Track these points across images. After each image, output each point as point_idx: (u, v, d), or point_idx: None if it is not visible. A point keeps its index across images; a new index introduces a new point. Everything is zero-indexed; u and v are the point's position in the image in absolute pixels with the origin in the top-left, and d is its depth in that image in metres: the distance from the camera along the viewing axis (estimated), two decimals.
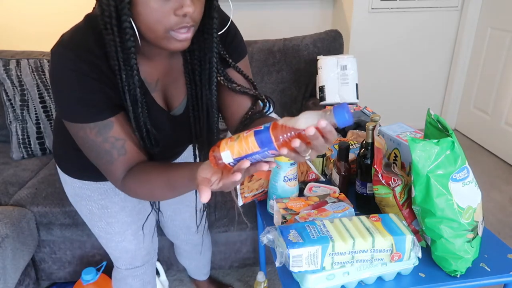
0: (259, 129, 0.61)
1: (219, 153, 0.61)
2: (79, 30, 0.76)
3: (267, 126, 0.60)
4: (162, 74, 0.86)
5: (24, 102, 1.78)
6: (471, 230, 0.84)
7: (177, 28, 0.69)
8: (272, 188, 1.08)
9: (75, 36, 0.75)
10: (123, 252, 1.15)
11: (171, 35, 0.70)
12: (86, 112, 0.75)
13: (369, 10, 2.76)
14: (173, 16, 0.67)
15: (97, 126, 0.76)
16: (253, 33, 2.25)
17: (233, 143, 0.61)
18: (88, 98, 0.74)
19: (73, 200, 1.09)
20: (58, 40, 0.76)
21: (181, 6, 0.66)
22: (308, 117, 0.59)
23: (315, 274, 0.79)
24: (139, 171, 0.79)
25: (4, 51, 1.86)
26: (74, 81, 0.73)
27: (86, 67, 0.72)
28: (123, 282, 1.22)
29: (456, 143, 0.82)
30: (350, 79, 1.92)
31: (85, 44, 0.73)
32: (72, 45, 0.73)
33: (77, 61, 0.72)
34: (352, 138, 1.41)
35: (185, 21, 0.68)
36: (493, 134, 2.80)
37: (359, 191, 1.06)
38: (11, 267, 1.34)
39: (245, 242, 1.66)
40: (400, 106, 3.12)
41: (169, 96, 0.89)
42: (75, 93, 0.74)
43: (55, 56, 0.73)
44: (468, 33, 2.90)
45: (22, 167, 1.75)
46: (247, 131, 0.61)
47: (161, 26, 0.68)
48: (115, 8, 0.67)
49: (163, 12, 0.67)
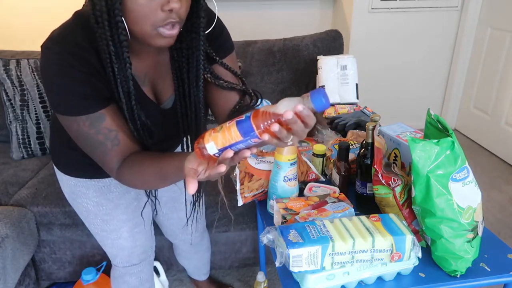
0: (241, 119, 0.62)
1: (203, 145, 0.63)
2: (68, 26, 0.79)
3: (248, 115, 0.62)
4: (150, 69, 0.87)
5: (24, 102, 1.79)
6: (471, 230, 0.84)
7: (164, 24, 0.71)
8: (272, 188, 1.08)
9: (63, 32, 0.77)
10: (119, 249, 1.16)
11: (158, 31, 0.72)
12: (77, 104, 0.77)
13: (369, 10, 2.76)
14: (160, 11, 0.70)
15: (89, 118, 0.78)
16: (253, 33, 2.25)
17: (217, 134, 0.62)
18: (77, 91, 0.76)
19: (70, 198, 1.10)
20: (48, 36, 0.78)
21: (168, 2, 0.69)
22: (287, 103, 0.60)
23: (315, 274, 0.79)
24: (133, 161, 0.81)
25: (4, 51, 1.87)
26: (63, 74, 0.75)
27: (74, 61, 0.75)
28: (121, 280, 1.23)
29: (456, 143, 0.82)
30: (350, 79, 1.92)
31: (73, 39, 0.76)
32: (60, 40, 0.75)
33: (65, 55, 0.74)
34: (352, 138, 1.41)
35: (171, 17, 0.71)
36: (493, 134, 2.80)
37: (359, 191, 1.06)
38: (11, 267, 1.34)
39: (245, 242, 1.66)
40: (400, 106, 3.12)
41: (157, 90, 0.91)
42: (64, 86, 0.75)
43: (44, 51, 0.75)
44: (468, 33, 2.90)
45: (22, 167, 1.75)
46: (229, 121, 0.62)
47: (148, 22, 0.70)
48: (105, 3, 0.69)
49: (150, 8, 0.69)
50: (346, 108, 1.85)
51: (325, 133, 1.52)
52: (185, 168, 0.67)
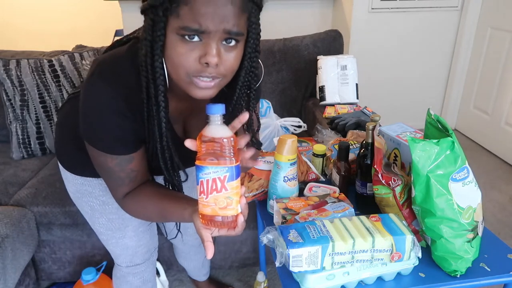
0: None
1: (206, 221, 0.67)
2: (120, 61, 0.77)
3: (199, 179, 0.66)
4: (186, 110, 0.88)
5: (24, 102, 1.78)
6: (471, 230, 0.84)
7: (198, 75, 0.69)
8: (272, 188, 1.08)
9: (114, 68, 0.76)
10: (123, 249, 1.16)
11: (192, 80, 0.70)
12: (113, 146, 0.79)
13: (369, 10, 2.76)
14: (196, 62, 0.68)
15: (118, 158, 0.80)
16: None
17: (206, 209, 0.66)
18: (118, 135, 0.78)
19: (74, 197, 1.10)
20: (95, 66, 0.76)
21: (205, 55, 0.67)
22: (213, 131, 0.65)
23: (315, 274, 0.79)
24: (138, 195, 0.85)
25: (4, 51, 1.87)
26: (108, 118, 0.76)
27: (123, 105, 0.75)
28: (124, 280, 1.23)
29: (456, 143, 0.82)
30: (350, 79, 1.92)
31: (124, 78, 0.75)
32: (111, 80, 0.75)
33: (115, 99, 0.74)
34: (352, 138, 1.41)
35: (207, 71, 0.68)
36: (493, 134, 2.80)
37: (359, 191, 1.06)
38: (11, 267, 1.34)
39: (245, 242, 1.66)
40: (400, 106, 3.12)
41: (188, 128, 0.91)
42: (107, 130, 0.77)
43: (93, 88, 0.75)
44: (468, 33, 2.90)
45: (22, 167, 1.75)
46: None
47: (183, 70, 0.69)
48: (150, 48, 0.69)
49: (187, 57, 0.67)
50: (346, 108, 1.85)
51: (325, 133, 1.52)
52: (198, 231, 0.70)
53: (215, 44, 0.67)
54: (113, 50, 0.82)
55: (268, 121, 1.85)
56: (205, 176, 0.64)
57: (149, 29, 0.68)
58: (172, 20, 0.66)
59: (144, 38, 0.70)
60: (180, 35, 0.66)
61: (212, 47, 0.66)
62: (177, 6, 0.64)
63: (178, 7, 0.64)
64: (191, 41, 0.66)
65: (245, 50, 0.74)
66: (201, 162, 0.64)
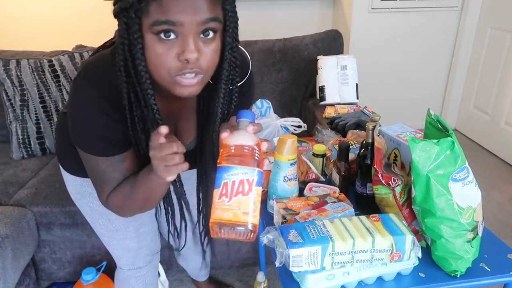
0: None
1: (220, 230, 0.61)
2: (104, 62, 0.77)
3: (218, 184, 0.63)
4: (175, 110, 0.87)
5: (24, 102, 1.78)
6: (471, 230, 0.84)
7: (181, 73, 0.68)
8: (272, 188, 1.08)
9: (99, 70, 0.76)
10: (125, 250, 1.15)
11: (175, 79, 0.69)
12: (101, 148, 0.79)
13: (369, 10, 2.76)
14: (176, 60, 0.66)
15: (109, 159, 0.80)
16: (253, 33, 2.25)
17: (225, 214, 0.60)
18: (105, 137, 0.77)
19: (75, 198, 1.10)
20: (81, 68, 0.76)
21: (183, 51, 0.65)
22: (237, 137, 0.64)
23: (315, 274, 0.79)
24: (115, 189, 0.84)
25: (4, 51, 1.86)
26: (95, 120, 0.75)
27: (109, 106, 0.74)
28: (126, 283, 1.23)
29: (456, 143, 0.82)
30: (350, 79, 1.92)
31: (110, 79, 0.73)
32: (96, 81, 0.74)
33: (101, 100, 0.74)
34: (352, 138, 1.41)
35: (188, 67, 0.67)
36: (493, 134, 2.80)
37: (359, 191, 1.06)
38: (11, 267, 1.34)
39: (245, 242, 1.66)
40: (400, 106, 3.12)
41: (179, 130, 0.90)
42: (94, 130, 0.76)
43: (78, 88, 0.75)
44: (468, 33, 2.90)
45: (22, 167, 1.75)
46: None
47: (164, 70, 0.68)
48: (129, 53, 0.68)
49: (166, 56, 0.66)
50: (346, 108, 1.85)
51: (325, 133, 1.52)
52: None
53: (192, 39, 0.65)
54: (98, 53, 0.82)
55: (268, 121, 1.85)
56: (231, 177, 0.60)
57: (125, 32, 0.67)
58: (145, 20, 0.65)
59: (121, 42, 0.68)
60: (155, 34, 0.65)
61: (190, 42, 0.65)
62: (146, 4, 0.63)
63: (148, 4, 0.63)
64: (168, 39, 0.65)
65: (225, 40, 0.72)
66: (227, 163, 0.60)
